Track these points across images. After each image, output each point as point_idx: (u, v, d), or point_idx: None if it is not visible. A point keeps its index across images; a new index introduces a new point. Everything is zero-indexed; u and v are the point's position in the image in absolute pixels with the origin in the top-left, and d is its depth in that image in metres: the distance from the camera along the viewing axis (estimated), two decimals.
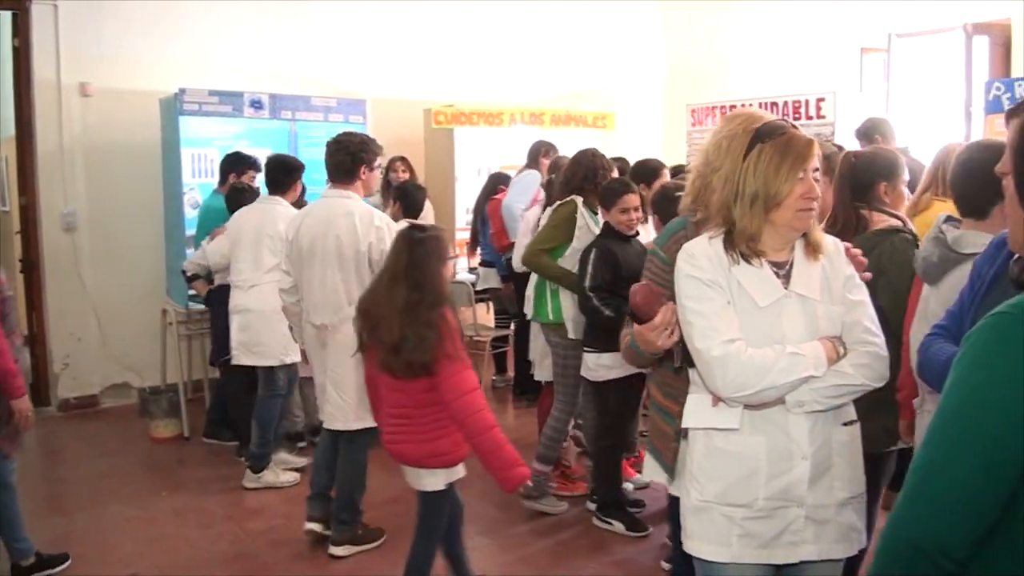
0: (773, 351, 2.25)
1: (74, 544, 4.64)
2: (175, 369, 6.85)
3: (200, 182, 6.94)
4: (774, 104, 7.61)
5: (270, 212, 5.51)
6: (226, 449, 6.18)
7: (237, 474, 5.61)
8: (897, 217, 3.27)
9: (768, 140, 2.32)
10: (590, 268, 4.67)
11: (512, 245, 6.28)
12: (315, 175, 6.66)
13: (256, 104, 7.17)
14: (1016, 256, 1.66)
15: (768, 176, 2.28)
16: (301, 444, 6.18)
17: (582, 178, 5.01)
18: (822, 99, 7.52)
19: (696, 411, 2.45)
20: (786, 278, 2.36)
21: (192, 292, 6.42)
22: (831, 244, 2.45)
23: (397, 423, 3.54)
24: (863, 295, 2.42)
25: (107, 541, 4.71)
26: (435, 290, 3.47)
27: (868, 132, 6.38)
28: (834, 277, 2.40)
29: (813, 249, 2.39)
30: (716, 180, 2.46)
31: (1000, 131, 4.36)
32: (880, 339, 2.36)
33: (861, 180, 3.29)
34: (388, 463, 3.80)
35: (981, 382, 1.42)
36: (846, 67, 8.44)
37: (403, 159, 7.55)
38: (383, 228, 4.53)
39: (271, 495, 5.39)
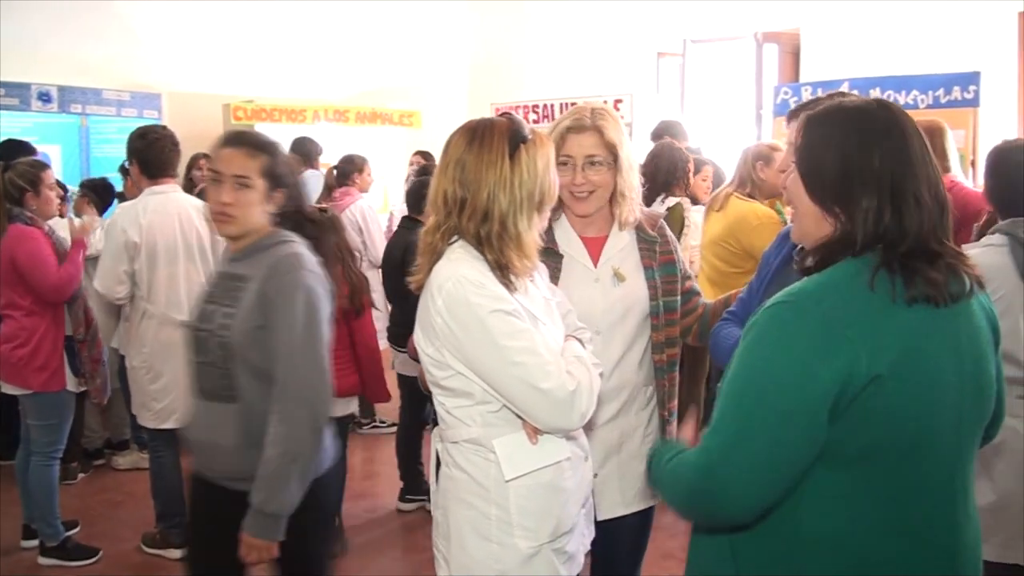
0: (579, 361, 2.17)
1: None
2: None
3: None
4: (574, 104, 7.82)
5: None
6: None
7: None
8: None
9: None
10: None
11: None
12: (111, 174, 6.38)
13: (44, 97, 6.79)
14: (799, 247, 1.79)
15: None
16: (99, 462, 5.85)
17: (667, 172, 4.68)
18: (620, 100, 7.81)
19: (516, 456, 2.12)
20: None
21: None
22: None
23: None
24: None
25: None
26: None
27: (660, 134, 6.65)
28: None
29: None
30: None
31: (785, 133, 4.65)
32: None
33: None
34: None
35: (762, 366, 1.56)
36: (643, 70, 8.79)
37: (207, 156, 7.28)
38: None
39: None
